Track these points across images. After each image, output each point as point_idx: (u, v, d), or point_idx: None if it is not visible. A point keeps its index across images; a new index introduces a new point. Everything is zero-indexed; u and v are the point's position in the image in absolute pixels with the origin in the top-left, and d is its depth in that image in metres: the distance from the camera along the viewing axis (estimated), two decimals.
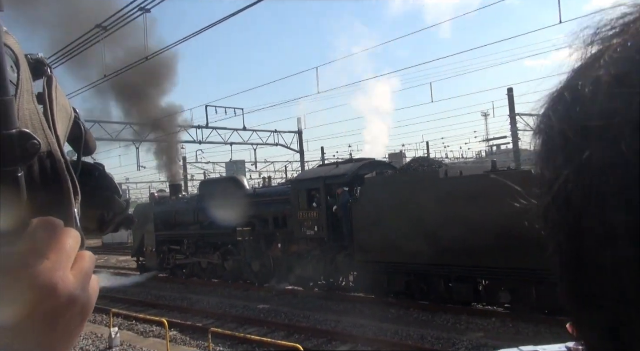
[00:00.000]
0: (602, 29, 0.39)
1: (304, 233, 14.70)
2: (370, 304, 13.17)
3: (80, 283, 0.49)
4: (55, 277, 0.46)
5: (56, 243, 0.48)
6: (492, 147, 61.27)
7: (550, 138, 0.39)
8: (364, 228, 13.27)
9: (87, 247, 0.53)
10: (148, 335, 12.59)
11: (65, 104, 0.60)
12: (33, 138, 0.48)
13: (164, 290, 17.92)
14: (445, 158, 59.38)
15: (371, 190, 13.18)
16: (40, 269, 0.46)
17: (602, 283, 0.35)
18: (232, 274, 17.57)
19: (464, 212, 11.38)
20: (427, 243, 11.96)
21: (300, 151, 37.94)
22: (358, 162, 15.64)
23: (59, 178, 0.52)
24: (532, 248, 10.42)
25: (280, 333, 11.75)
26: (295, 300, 14.85)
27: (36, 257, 0.46)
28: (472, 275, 11.79)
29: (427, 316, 12.20)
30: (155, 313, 13.87)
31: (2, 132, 0.46)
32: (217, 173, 43.31)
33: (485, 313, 11.85)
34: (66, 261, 0.48)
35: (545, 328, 10.49)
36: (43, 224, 0.48)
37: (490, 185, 11.22)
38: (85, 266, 0.51)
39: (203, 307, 14.84)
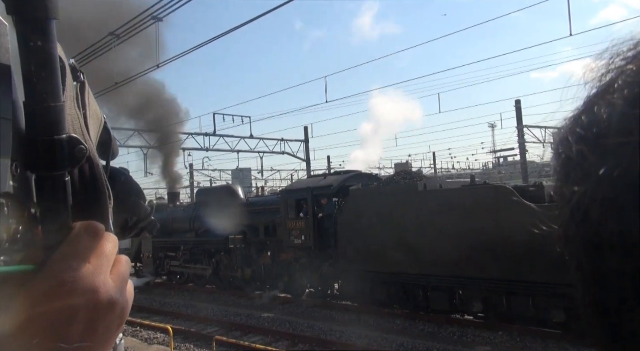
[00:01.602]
0: (615, 59, 0.41)
1: (292, 242, 15.21)
2: (376, 315, 13.16)
3: (119, 288, 0.51)
4: (97, 281, 0.48)
5: (97, 247, 0.50)
6: (499, 158, 61.46)
7: (569, 159, 0.40)
8: (347, 238, 13.76)
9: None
10: (152, 341, 12.63)
11: (96, 109, 0.62)
12: (81, 144, 0.50)
13: (169, 297, 18.05)
14: (452, 169, 59.57)
15: (355, 201, 13.71)
16: (83, 273, 0.47)
17: (625, 296, 0.35)
18: (224, 281, 18.04)
19: (440, 224, 11.86)
20: (406, 253, 12.43)
21: (306, 160, 37.99)
22: (346, 173, 16.18)
23: (97, 183, 0.54)
24: (501, 259, 10.95)
25: (284, 343, 11.85)
26: (300, 309, 14.90)
27: (79, 261, 0.48)
28: (448, 284, 12.23)
29: (433, 329, 12.12)
30: (160, 320, 13.95)
31: (54, 138, 0.48)
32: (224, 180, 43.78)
33: (492, 326, 11.65)
34: (106, 265, 0.50)
35: (553, 343, 10.39)
36: (86, 228, 0.50)
37: (464, 199, 11.75)
38: (123, 270, 0.53)
39: (207, 315, 14.89)
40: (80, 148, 0.50)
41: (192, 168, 39.73)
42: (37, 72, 0.48)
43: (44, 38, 0.47)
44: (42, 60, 0.48)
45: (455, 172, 59.25)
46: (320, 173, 19.27)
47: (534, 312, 11.01)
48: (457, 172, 59.11)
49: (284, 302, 15.65)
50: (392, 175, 15.75)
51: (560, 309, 10.53)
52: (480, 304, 11.79)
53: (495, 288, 11.37)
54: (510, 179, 52.17)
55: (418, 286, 12.71)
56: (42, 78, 0.48)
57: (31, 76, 0.48)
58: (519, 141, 31.57)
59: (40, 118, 0.48)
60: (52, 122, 0.48)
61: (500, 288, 11.30)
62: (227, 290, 17.80)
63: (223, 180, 43.16)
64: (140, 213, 0.68)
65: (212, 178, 43.13)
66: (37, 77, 0.48)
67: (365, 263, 13.33)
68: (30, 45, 0.47)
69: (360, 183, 14.41)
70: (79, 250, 0.48)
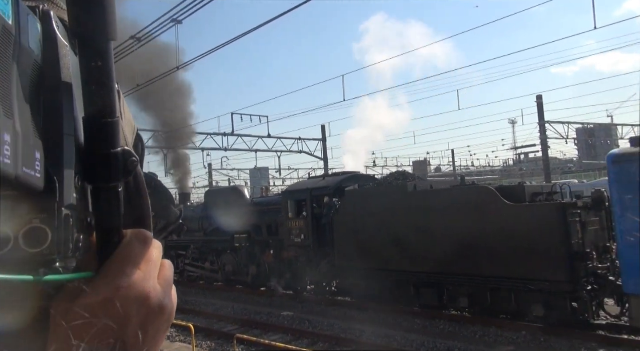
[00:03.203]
0: None
1: (292, 240, 15.95)
2: (396, 314, 13.16)
3: (166, 292, 0.54)
4: (147, 287, 0.51)
5: (147, 254, 0.53)
6: (520, 155, 60.98)
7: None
8: (343, 237, 14.43)
9: None
10: (174, 339, 12.75)
11: (129, 117, 0.66)
12: (133, 156, 0.53)
13: (189, 295, 18.31)
14: (471, 166, 59.36)
15: (350, 201, 14.37)
16: (136, 279, 0.51)
17: None
18: (230, 279, 18.84)
19: (428, 223, 12.45)
20: (398, 251, 13.05)
21: (324, 158, 37.97)
22: (344, 175, 16.84)
23: (141, 192, 0.58)
24: (485, 257, 11.49)
25: (304, 341, 11.88)
26: (320, 307, 14.99)
27: (132, 268, 0.51)
28: (436, 281, 12.78)
29: (454, 328, 12.02)
30: (181, 318, 13.98)
31: (111, 151, 0.52)
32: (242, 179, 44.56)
33: (515, 326, 11.49)
34: (154, 271, 0.53)
35: (579, 343, 10.26)
36: (136, 236, 0.54)
37: (451, 199, 12.31)
38: (168, 275, 0.56)
39: (228, 313, 15.11)
40: (132, 160, 0.53)
41: (211, 167, 40.65)
42: (96, 91, 0.51)
43: (103, 58, 0.51)
44: (101, 79, 0.51)
45: (475, 169, 59.18)
46: (319, 175, 19.90)
47: (516, 307, 11.52)
48: (477, 169, 59.09)
49: (304, 301, 15.90)
50: (387, 175, 16.37)
51: (540, 303, 11.03)
52: (465, 299, 12.31)
53: (480, 284, 11.89)
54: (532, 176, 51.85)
55: (409, 282, 13.27)
56: (100, 96, 0.51)
57: (91, 94, 0.51)
58: (541, 137, 31.10)
59: (99, 133, 0.51)
60: (109, 137, 0.51)
61: (484, 284, 11.82)
62: (234, 287, 18.57)
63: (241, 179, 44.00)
64: (171, 218, 0.73)
65: (231, 177, 43.84)
66: (97, 95, 0.51)
67: (360, 261, 13.96)
68: (92, 65, 0.51)
69: (356, 184, 15.04)
70: (131, 257, 0.51)
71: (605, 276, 10.66)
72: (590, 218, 11.07)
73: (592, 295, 10.67)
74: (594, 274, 10.71)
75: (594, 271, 10.66)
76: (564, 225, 10.51)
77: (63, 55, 0.51)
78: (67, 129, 0.49)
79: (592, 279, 10.73)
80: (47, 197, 0.47)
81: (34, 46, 0.48)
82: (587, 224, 10.88)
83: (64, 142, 0.49)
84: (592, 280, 10.73)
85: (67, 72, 0.51)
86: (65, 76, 0.50)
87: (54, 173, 0.47)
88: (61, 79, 0.50)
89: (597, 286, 10.75)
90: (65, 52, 0.51)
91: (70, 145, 0.50)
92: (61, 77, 0.50)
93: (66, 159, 0.49)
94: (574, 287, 10.46)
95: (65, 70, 0.50)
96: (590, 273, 10.64)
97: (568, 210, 10.64)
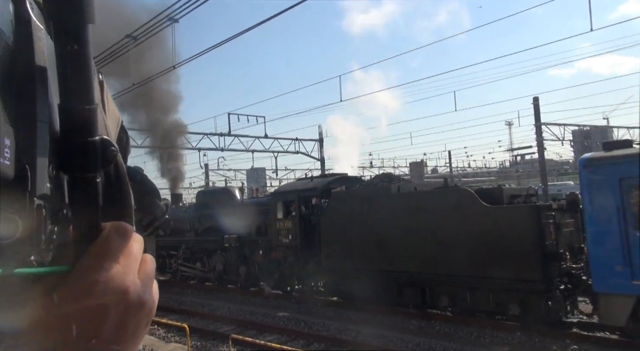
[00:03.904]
0: None
1: (280, 241, 16.30)
2: (391, 315, 13.20)
3: (146, 287, 0.53)
4: (127, 281, 0.50)
5: (126, 247, 0.51)
6: (517, 157, 61.27)
7: None
8: (330, 238, 14.78)
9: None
10: (169, 340, 12.66)
11: (114, 109, 0.64)
12: (112, 145, 0.51)
13: (185, 296, 18.34)
14: (468, 168, 59.69)
15: (336, 203, 14.74)
16: (114, 273, 0.49)
17: None
18: (222, 278, 19.14)
19: (411, 224, 12.80)
20: (382, 251, 13.39)
21: (321, 159, 37.82)
22: (332, 177, 17.21)
23: (122, 184, 0.55)
24: (464, 257, 11.84)
25: (300, 342, 11.84)
26: (315, 308, 14.98)
27: (110, 262, 0.49)
28: (418, 281, 13.13)
29: (450, 329, 12.07)
30: (177, 319, 14.00)
31: (89, 140, 0.49)
32: (239, 180, 44.75)
33: (511, 327, 11.56)
34: (134, 265, 0.52)
35: (574, 343, 10.41)
36: (116, 229, 0.51)
37: (432, 201, 12.68)
38: (149, 269, 0.55)
39: (224, 314, 15.09)
40: (112, 150, 0.51)
41: (208, 168, 40.81)
42: (73, 76, 0.49)
43: (80, 42, 0.49)
44: (78, 64, 0.49)
45: (472, 170, 59.51)
46: (308, 177, 20.29)
47: (494, 306, 11.87)
48: (474, 171, 59.44)
49: (300, 301, 15.95)
50: (373, 177, 16.76)
51: (516, 303, 11.39)
52: (446, 299, 12.66)
53: (460, 284, 12.25)
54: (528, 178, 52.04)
55: (393, 282, 13.60)
56: (77, 81, 0.49)
57: (67, 79, 0.49)
58: (537, 139, 31.21)
59: (75, 120, 0.49)
60: (87, 124, 0.49)
61: (464, 284, 12.17)
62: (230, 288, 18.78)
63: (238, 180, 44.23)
64: (157, 212, 0.70)
65: (227, 178, 44.16)
66: (73, 81, 0.49)
67: (345, 261, 14.32)
68: (67, 49, 0.49)
69: (343, 186, 15.40)
70: (109, 250, 0.50)
71: (579, 276, 11.02)
72: (565, 220, 11.41)
73: (565, 294, 11.02)
74: (568, 274, 11.06)
75: (568, 271, 11.02)
76: (538, 227, 10.85)
77: (37, 38, 0.49)
78: (41, 116, 0.47)
79: (566, 279, 11.08)
80: (18, 186, 0.45)
81: (5, 28, 0.46)
82: (562, 226, 11.21)
83: (38, 129, 0.47)
84: (566, 280, 11.09)
85: (42, 56, 0.49)
86: (39, 60, 0.48)
87: (26, 161, 0.45)
88: (35, 63, 0.48)
89: (571, 286, 11.11)
90: (40, 35, 0.49)
91: (44, 133, 0.48)
92: (35, 61, 0.48)
93: (39, 147, 0.47)
94: (548, 287, 10.81)
95: (39, 54, 0.48)
96: (564, 273, 11.00)
97: (542, 212, 10.99)
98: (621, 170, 9.74)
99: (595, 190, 10.16)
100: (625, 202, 9.68)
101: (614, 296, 9.81)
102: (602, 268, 9.92)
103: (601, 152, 10.69)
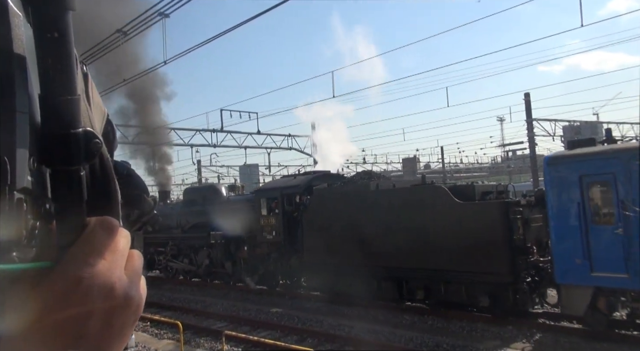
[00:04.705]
0: None
1: (265, 237, 16.78)
2: (384, 310, 13.35)
3: (133, 283, 0.52)
4: (112, 278, 0.48)
5: (112, 243, 0.50)
6: (508, 152, 61.77)
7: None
8: (311, 234, 15.24)
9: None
10: (162, 336, 12.66)
11: (99, 102, 0.62)
12: (96, 138, 0.50)
13: (178, 292, 18.38)
14: (460, 163, 60.16)
15: (318, 200, 15.22)
16: (100, 269, 0.47)
17: None
18: (208, 274, 19.55)
19: (388, 220, 13.27)
20: (361, 247, 13.82)
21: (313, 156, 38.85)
22: (314, 174, 17.67)
23: (108, 178, 0.54)
24: (438, 252, 12.33)
25: (293, 337, 11.89)
26: (309, 304, 15.10)
27: (95, 257, 0.48)
28: (396, 275, 13.61)
29: (443, 324, 12.22)
30: (170, 315, 14.06)
31: (71, 131, 0.48)
32: (231, 176, 44.93)
33: (502, 321, 11.76)
34: (121, 261, 0.51)
35: (564, 336, 10.59)
36: (101, 224, 0.50)
37: (409, 198, 13.16)
38: (136, 265, 0.54)
39: (217, 310, 15.14)
40: (96, 143, 0.50)
41: (200, 164, 40.94)
42: (53, 65, 0.47)
43: (60, 30, 0.47)
44: (59, 53, 0.47)
45: (464, 166, 59.97)
46: (291, 174, 20.74)
47: (466, 298, 12.37)
48: (466, 166, 59.91)
49: (293, 297, 16.06)
50: (354, 175, 17.24)
51: (486, 295, 11.90)
52: (422, 292, 13.15)
53: (435, 278, 12.73)
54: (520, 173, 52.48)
55: (372, 277, 14.04)
56: (58, 71, 0.47)
57: (47, 69, 0.47)
58: (529, 135, 31.54)
59: (57, 111, 0.47)
60: (68, 116, 0.48)
61: (438, 277, 12.66)
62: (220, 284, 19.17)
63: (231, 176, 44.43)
64: (144, 208, 0.68)
65: (220, 174, 44.20)
66: (54, 70, 0.47)
67: (326, 257, 14.75)
68: (47, 36, 0.47)
69: (326, 183, 15.86)
70: (94, 246, 0.49)
71: (546, 269, 11.53)
72: (534, 216, 11.90)
73: (532, 286, 11.53)
74: (535, 267, 11.58)
75: (536, 264, 11.53)
76: (506, 222, 11.35)
77: (15, 25, 0.47)
78: (20, 106, 0.46)
79: (533, 272, 11.59)
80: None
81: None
82: (531, 221, 11.71)
83: (17, 120, 0.45)
84: (533, 273, 11.60)
85: (20, 44, 0.47)
86: (17, 48, 0.46)
87: (5, 153, 0.44)
88: (13, 52, 0.46)
89: (538, 278, 11.62)
90: (17, 22, 0.47)
91: (24, 124, 0.46)
92: (13, 50, 0.46)
93: (19, 139, 0.45)
94: (515, 279, 11.32)
95: (17, 42, 0.47)
96: (531, 266, 11.51)
97: (511, 208, 11.48)
98: (582, 167, 10.23)
99: (558, 187, 10.65)
100: (585, 198, 10.18)
101: (574, 287, 10.33)
102: (564, 261, 10.43)
103: (565, 150, 11.18)
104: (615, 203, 9.73)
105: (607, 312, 10.08)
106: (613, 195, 9.79)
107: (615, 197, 9.73)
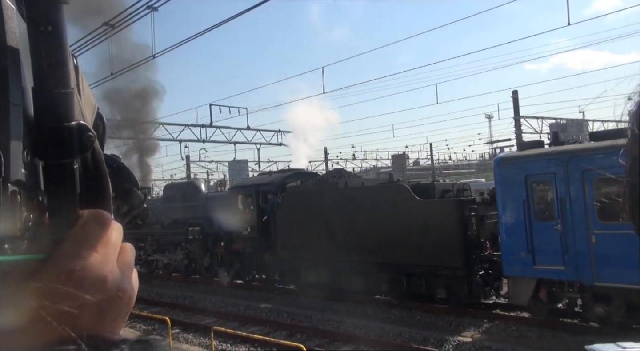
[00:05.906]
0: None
1: (240, 233, 17.42)
2: (373, 305, 13.54)
3: (126, 276, 0.52)
4: (105, 270, 0.48)
5: (105, 236, 0.50)
6: (496, 149, 62.11)
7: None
8: (284, 230, 15.89)
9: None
10: (150, 333, 12.46)
11: (89, 95, 0.62)
12: (89, 131, 0.50)
13: (166, 288, 18.43)
14: (449, 160, 60.97)
15: (290, 197, 15.88)
16: (92, 262, 0.47)
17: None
18: (186, 269, 20.10)
19: (355, 217, 13.96)
20: (330, 243, 14.52)
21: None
22: (289, 172, 18.35)
23: (100, 171, 0.54)
24: (401, 247, 13.03)
25: (282, 333, 11.90)
26: (298, 299, 15.20)
27: (88, 250, 0.48)
28: (363, 269, 14.28)
29: (430, 319, 12.42)
30: (158, 311, 14.01)
31: (64, 125, 0.48)
32: (221, 172, 45.44)
33: (489, 315, 12.20)
34: (113, 254, 0.50)
35: (548, 331, 10.75)
36: (94, 217, 0.50)
37: (374, 196, 13.85)
38: (128, 258, 0.54)
39: (205, 306, 15.18)
40: (89, 136, 0.50)
41: (189, 160, 41.11)
42: (47, 58, 0.47)
43: (53, 23, 0.47)
44: (52, 46, 0.47)
45: (452, 163, 60.76)
46: (266, 172, 21.42)
47: (425, 290, 13.09)
48: (454, 163, 60.71)
49: (283, 293, 16.21)
50: (326, 173, 17.93)
51: (443, 287, 12.62)
52: (386, 285, 13.85)
53: (398, 271, 13.43)
54: None
55: (341, 271, 14.69)
56: (51, 64, 0.47)
57: (41, 62, 0.47)
58: (516, 132, 32.31)
59: (50, 104, 0.47)
60: (62, 109, 0.48)
61: (401, 271, 13.36)
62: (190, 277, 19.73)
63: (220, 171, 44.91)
64: (134, 201, 0.68)
65: (209, 170, 44.55)
66: (47, 63, 0.47)
67: (297, 252, 15.43)
68: (40, 29, 0.47)
69: (299, 181, 16.54)
70: (87, 239, 0.49)
71: (499, 262, 12.25)
72: (489, 213, 12.60)
73: (485, 279, 12.25)
74: (489, 261, 12.29)
75: (489, 258, 12.25)
76: (461, 219, 12.06)
77: (8, 17, 0.47)
78: (14, 99, 0.46)
79: (487, 265, 12.32)
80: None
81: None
82: (486, 218, 12.41)
83: (11, 112, 0.45)
84: (487, 266, 12.32)
85: (14, 36, 0.47)
86: (11, 41, 0.46)
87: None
88: (7, 44, 0.46)
89: (491, 272, 12.35)
90: (11, 15, 0.47)
91: (18, 117, 0.46)
92: (6, 42, 0.46)
93: (13, 131, 0.45)
94: (469, 272, 12.04)
95: (11, 35, 0.46)
96: (485, 260, 12.23)
97: (465, 206, 12.19)
98: (527, 168, 10.96)
99: (507, 186, 11.38)
100: (529, 196, 10.91)
101: (519, 279, 11.09)
102: (511, 255, 11.18)
103: (514, 152, 11.89)
104: (555, 201, 10.46)
105: (547, 302, 10.83)
106: (553, 194, 10.52)
107: (555, 196, 10.45)
